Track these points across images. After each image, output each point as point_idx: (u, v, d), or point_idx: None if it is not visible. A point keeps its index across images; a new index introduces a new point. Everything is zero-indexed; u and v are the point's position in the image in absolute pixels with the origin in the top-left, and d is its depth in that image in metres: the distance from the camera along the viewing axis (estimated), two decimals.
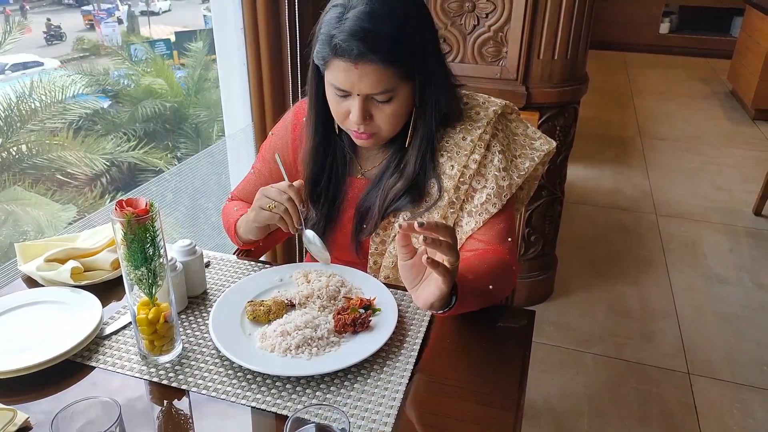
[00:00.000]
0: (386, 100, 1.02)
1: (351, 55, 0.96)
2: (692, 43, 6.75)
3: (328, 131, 1.16)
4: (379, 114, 1.04)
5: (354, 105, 1.02)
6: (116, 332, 0.98)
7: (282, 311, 1.01)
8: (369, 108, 1.03)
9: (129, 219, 0.81)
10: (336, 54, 0.98)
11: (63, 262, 1.11)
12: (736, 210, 3.40)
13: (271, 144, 1.29)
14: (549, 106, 2.13)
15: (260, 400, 0.85)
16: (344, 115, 1.06)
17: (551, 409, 2.00)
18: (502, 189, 1.10)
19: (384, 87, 1.00)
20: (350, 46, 0.95)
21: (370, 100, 1.03)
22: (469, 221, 1.11)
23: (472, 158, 1.11)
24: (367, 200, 1.16)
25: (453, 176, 1.11)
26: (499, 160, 1.11)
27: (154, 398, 0.87)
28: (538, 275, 2.49)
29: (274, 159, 1.23)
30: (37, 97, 3.30)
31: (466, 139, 1.12)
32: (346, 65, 0.98)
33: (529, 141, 1.17)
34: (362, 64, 0.97)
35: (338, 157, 1.19)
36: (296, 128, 1.24)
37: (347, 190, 1.20)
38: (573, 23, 2.02)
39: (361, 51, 0.95)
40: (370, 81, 0.99)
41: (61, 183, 3.29)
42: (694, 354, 2.26)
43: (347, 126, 1.08)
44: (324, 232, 1.19)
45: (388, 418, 0.82)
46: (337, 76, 1.00)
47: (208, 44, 4.31)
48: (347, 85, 1.00)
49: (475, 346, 0.98)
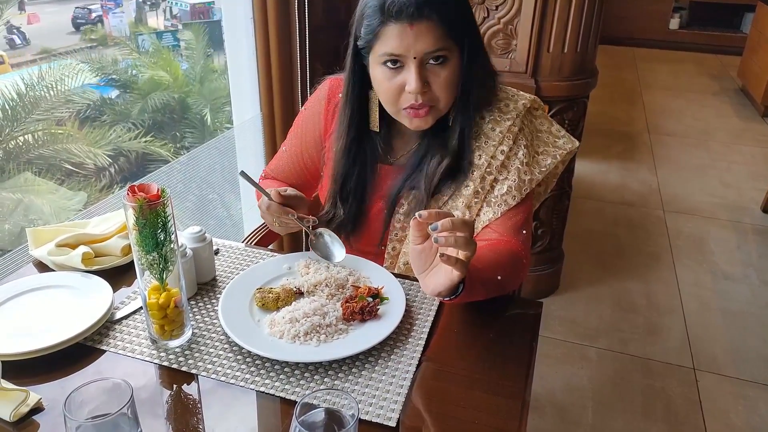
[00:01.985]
0: (441, 62, 1.02)
1: (407, 14, 0.97)
2: (702, 39, 6.70)
3: (361, 130, 1.16)
4: (436, 81, 1.03)
5: (410, 72, 1.01)
6: (126, 317, 0.99)
7: (291, 299, 1.01)
8: (425, 75, 1.03)
9: (141, 204, 0.82)
10: (390, 17, 0.98)
11: (74, 248, 1.12)
12: (744, 207, 3.39)
13: (303, 119, 1.28)
14: (558, 100, 2.12)
15: (269, 386, 0.85)
16: (398, 91, 1.04)
17: (556, 402, 2.01)
18: (523, 183, 1.11)
19: (440, 44, 1.00)
20: (406, 4, 0.97)
21: (425, 67, 1.02)
22: (487, 211, 1.12)
23: (499, 149, 1.11)
24: (403, 187, 1.15)
25: (480, 166, 1.11)
26: (523, 154, 1.11)
27: (163, 382, 0.88)
28: (544, 269, 2.49)
29: (305, 134, 1.26)
30: (44, 86, 3.31)
31: (495, 129, 1.12)
32: (401, 27, 0.98)
33: (552, 138, 1.17)
34: (417, 23, 0.98)
35: (369, 153, 1.18)
36: (330, 103, 1.23)
37: (376, 178, 1.19)
38: (583, 16, 2.01)
39: (415, 9, 0.97)
40: (427, 40, 0.99)
41: (68, 173, 3.30)
42: (699, 350, 2.26)
43: (402, 103, 1.06)
44: (353, 226, 1.20)
45: (396, 404, 0.82)
46: (391, 42, 1.00)
47: (214, 35, 4.31)
48: (402, 48, 1.00)
49: (482, 335, 0.98)
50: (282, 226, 1.11)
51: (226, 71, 2.02)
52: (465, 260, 0.85)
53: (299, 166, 1.29)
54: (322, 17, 1.95)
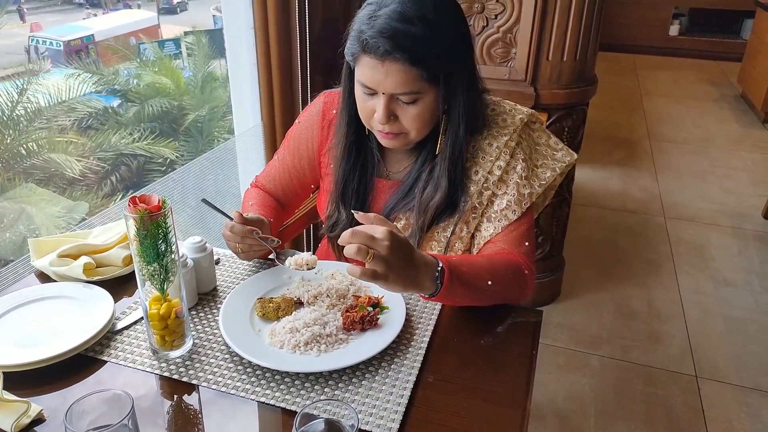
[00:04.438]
0: (411, 102, 1.03)
1: (378, 53, 0.97)
2: (702, 45, 6.71)
3: (360, 131, 1.17)
4: (404, 115, 1.05)
5: (379, 104, 1.03)
6: (127, 327, 1.00)
7: (291, 308, 1.01)
8: (394, 108, 1.04)
9: (142, 215, 0.82)
10: (364, 50, 0.99)
11: (75, 258, 1.12)
12: (745, 213, 3.38)
13: (296, 132, 1.30)
14: (557, 108, 2.13)
15: (269, 396, 0.85)
16: (370, 114, 1.07)
17: (557, 411, 2.00)
18: (522, 197, 1.11)
19: (409, 88, 1.00)
20: (377, 44, 0.97)
21: (395, 100, 1.03)
22: (488, 226, 1.12)
23: (496, 164, 1.12)
24: (397, 206, 1.16)
25: (477, 181, 1.12)
26: (522, 168, 1.12)
27: (164, 392, 0.88)
28: (545, 277, 2.49)
29: (298, 146, 1.27)
30: (44, 96, 3.33)
31: (492, 145, 1.13)
32: (373, 62, 0.99)
33: (551, 151, 1.18)
34: (388, 62, 0.98)
35: (368, 158, 1.20)
36: (324, 118, 1.25)
37: (373, 191, 1.21)
38: (582, 24, 2.02)
39: (387, 49, 0.96)
40: (395, 80, 0.99)
41: (70, 181, 3.32)
42: (701, 357, 2.26)
43: (372, 125, 1.09)
44: None
45: (396, 414, 0.82)
46: (365, 72, 1.02)
47: (215, 44, 4.33)
48: (373, 83, 1.01)
49: (482, 344, 0.99)
50: (246, 250, 1.10)
51: (227, 82, 2.03)
52: (366, 268, 0.84)
53: (288, 177, 1.31)
54: (321, 29, 1.96)
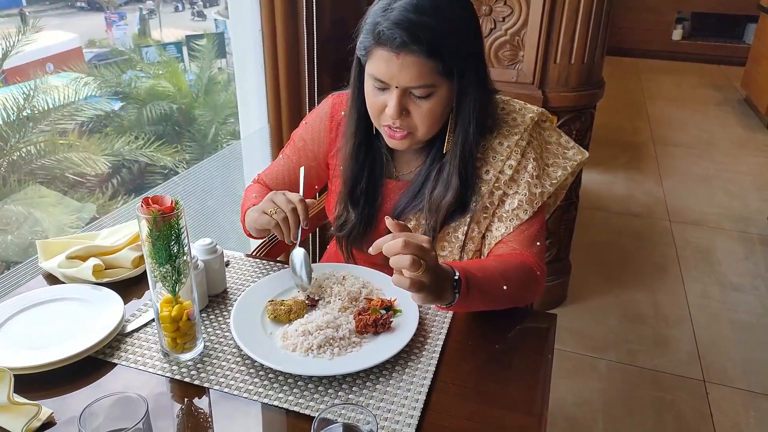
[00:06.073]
0: (424, 96, 1.01)
1: (394, 44, 0.96)
2: (705, 49, 6.71)
3: (369, 131, 1.15)
4: (416, 110, 1.03)
5: (391, 98, 1.01)
6: (138, 329, 0.99)
7: (302, 311, 1.00)
8: (406, 103, 1.02)
9: (155, 216, 0.81)
10: (379, 42, 0.98)
11: (84, 260, 1.11)
12: (751, 217, 3.37)
13: (303, 132, 1.28)
14: (566, 111, 2.12)
15: (282, 399, 0.84)
16: (380, 109, 1.05)
17: (566, 415, 1.99)
18: (534, 196, 1.10)
19: (424, 81, 0.99)
20: (393, 35, 0.95)
21: (407, 95, 1.02)
22: (499, 226, 1.11)
23: (507, 164, 1.10)
24: (407, 207, 1.15)
25: (488, 181, 1.11)
26: (533, 167, 1.11)
27: (175, 395, 0.87)
28: (552, 280, 2.48)
29: (304, 146, 1.25)
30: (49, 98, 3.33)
31: (502, 144, 1.11)
32: (388, 55, 0.98)
33: (562, 150, 1.17)
34: (404, 54, 0.97)
35: (377, 158, 1.18)
36: (333, 120, 1.24)
37: (382, 191, 1.19)
38: (590, 27, 2.01)
39: (404, 40, 0.95)
40: (410, 73, 0.98)
41: (72, 184, 3.31)
42: (709, 361, 2.24)
43: (382, 121, 1.07)
44: (363, 234, 1.18)
45: (412, 419, 0.81)
46: (378, 66, 1.00)
47: (217, 47, 4.34)
48: (387, 76, 1.00)
49: (496, 349, 0.97)
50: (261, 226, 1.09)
51: (230, 83, 2.02)
52: (415, 279, 0.84)
53: (292, 177, 1.29)
54: (330, 29, 1.95)
